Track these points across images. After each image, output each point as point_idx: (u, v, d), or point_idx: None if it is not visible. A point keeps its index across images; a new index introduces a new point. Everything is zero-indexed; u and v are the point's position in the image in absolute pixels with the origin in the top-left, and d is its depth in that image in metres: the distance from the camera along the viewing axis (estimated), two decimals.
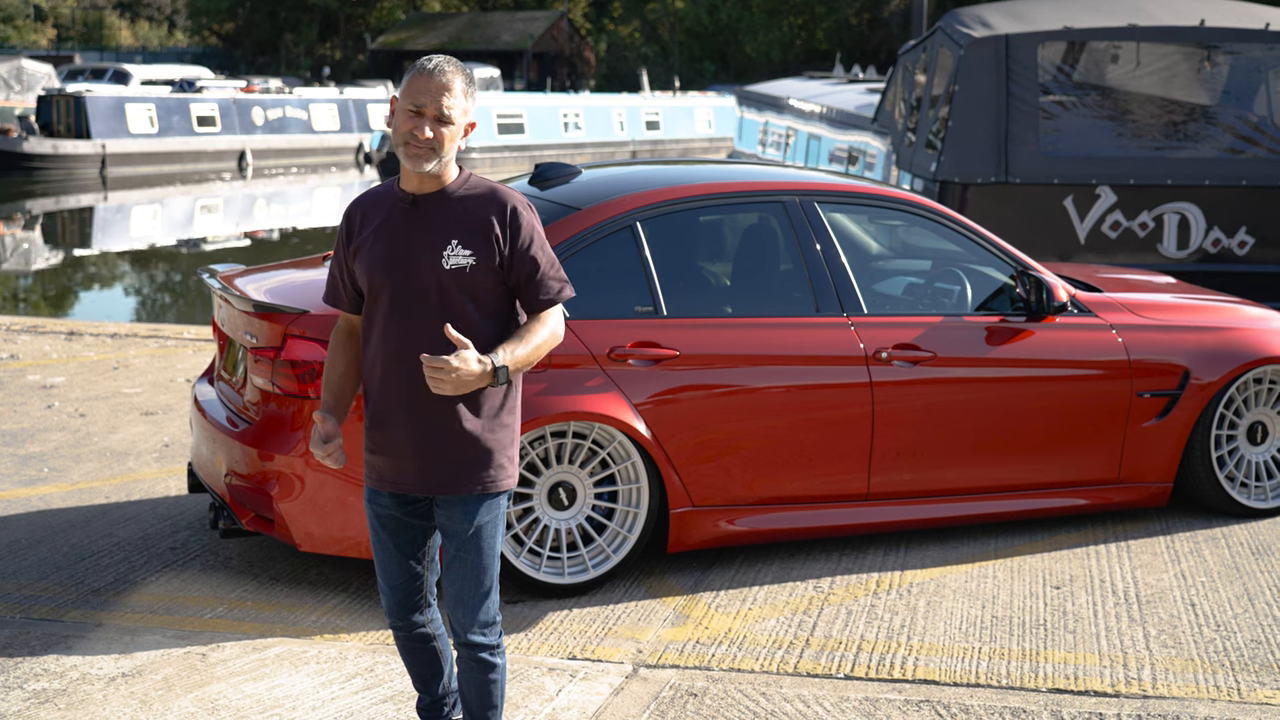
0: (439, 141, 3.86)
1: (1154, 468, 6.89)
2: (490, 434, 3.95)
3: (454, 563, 4.02)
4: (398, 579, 4.12)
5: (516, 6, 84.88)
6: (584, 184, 6.61)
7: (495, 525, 4.03)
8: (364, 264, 3.98)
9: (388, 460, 3.99)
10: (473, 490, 3.95)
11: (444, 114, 3.86)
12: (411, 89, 3.88)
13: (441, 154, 3.88)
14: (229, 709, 4.93)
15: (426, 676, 4.31)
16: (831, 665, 5.40)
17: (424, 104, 3.86)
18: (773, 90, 22.16)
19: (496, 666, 4.11)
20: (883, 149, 14.59)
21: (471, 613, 4.03)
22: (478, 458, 3.94)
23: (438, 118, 3.86)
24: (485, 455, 3.95)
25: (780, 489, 6.33)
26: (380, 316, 3.96)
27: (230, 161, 42.91)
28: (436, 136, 3.86)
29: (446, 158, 3.91)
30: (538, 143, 42.49)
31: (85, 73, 54.60)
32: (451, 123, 3.88)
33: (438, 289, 3.88)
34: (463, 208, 3.93)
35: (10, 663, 5.31)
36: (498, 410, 3.97)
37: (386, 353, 3.95)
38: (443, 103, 3.85)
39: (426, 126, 3.85)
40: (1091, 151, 11.14)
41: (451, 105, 3.87)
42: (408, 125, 3.87)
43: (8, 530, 6.85)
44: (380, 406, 4.00)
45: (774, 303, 6.52)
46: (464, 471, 3.94)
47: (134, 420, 8.96)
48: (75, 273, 24.17)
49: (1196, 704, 5.07)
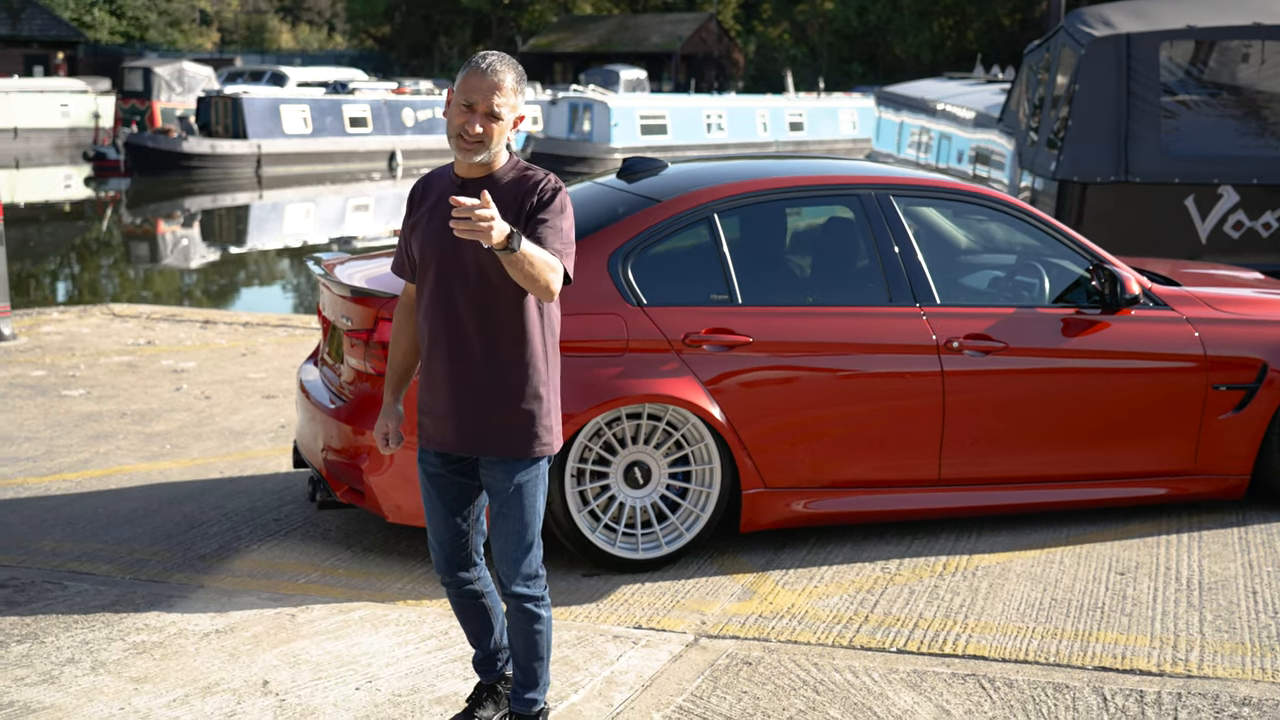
0: (488, 136, 4.14)
1: (1230, 460, 6.96)
2: (524, 403, 4.24)
3: (498, 519, 4.33)
4: (444, 535, 4.43)
5: (666, 8, 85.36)
6: (668, 178, 6.87)
7: (535, 485, 4.32)
8: (418, 239, 4.31)
9: (433, 421, 4.31)
10: (509, 453, 4.24)
11: (494, 110, 4.13)
12: (465, 86, 4.15)
13: (490, 146, 4.17)
14: (308, 663, 5.29)
15: (479, 632, 4.61)
16: (886, 640, 5.60)
17: (475, 100, 4.12)
18: (909, 91, 22.22)
19: (541, 618, 4.40)
20: (1009, 148, 14.62)
21: (514, 565, 4.33)
22: (513, 424, 4.24)
23: (488, 114, 4.13)
24: (522, 421, 4.24)
25: (851, 473, 6.53)
26: (428, 289, 4.28)
27: (381, 161, 43.88)
28: (486, 131, 4.13)
29: (495, 149, 4.19)
30: (680, 143, 42.78)
31: (244, 75, 56.13)
32: (500, 119, 4.14)
33: (477, 267, 4.18)
34: (504, 191, 4.21)
35: (115, 618, 5.73)
36: (531, 379, 4.25)
37: (432, 324, 4.27)
38: (493, 100, 4.12)
39: (477, 123, 4.13)
40: (1213, 151, 11.11)
41: (501, 103, 4.13)
42: (460, 119, 4.16)
43: (127, 500, 7.31)
44: (427, 371, 4.32)
45: (847, 292, 6.72)
46: (500, 435, 4.24)
47: (255, 403, 9.43)
48: (224, 267, 25.04)
49: (1239, 684, 5.19)
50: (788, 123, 47.84)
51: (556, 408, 4.36)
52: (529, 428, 4.26)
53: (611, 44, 77.65)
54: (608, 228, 6.44)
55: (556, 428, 4.36)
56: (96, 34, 76.93)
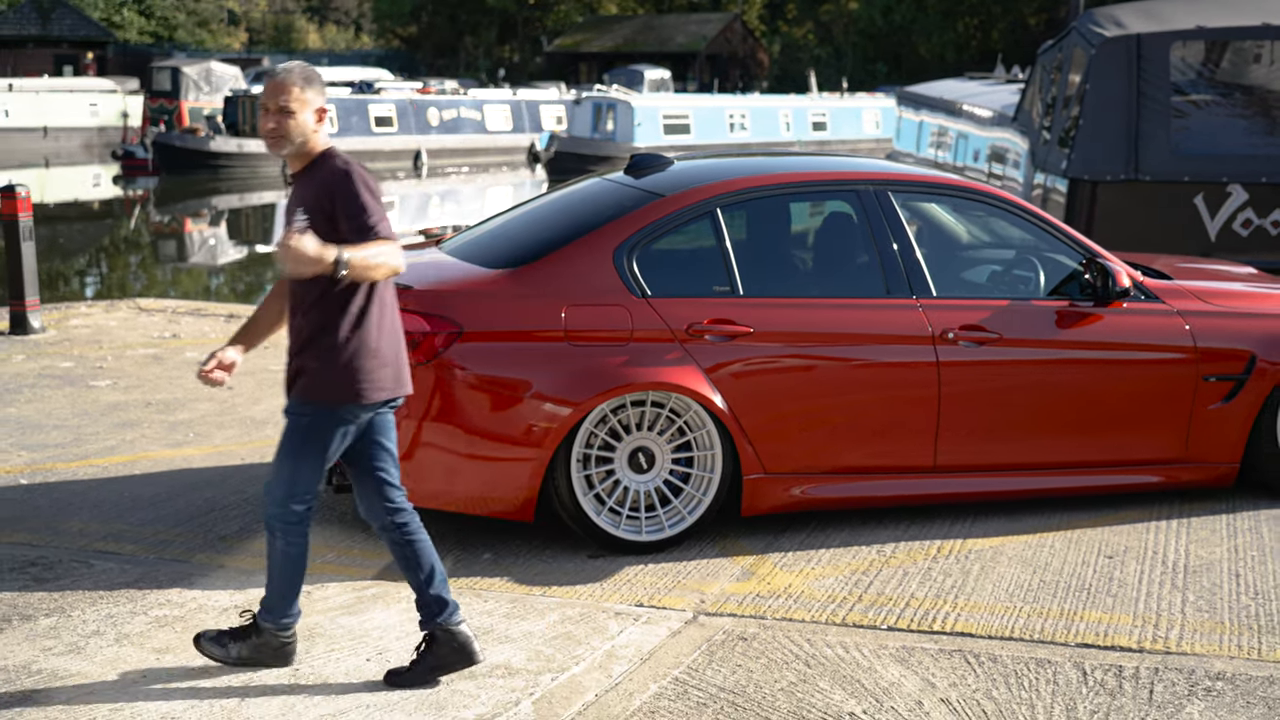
0: (283, 130, 4.82)
1: (1220, 449, 7.16)
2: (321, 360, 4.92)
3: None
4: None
5: (691, 8, 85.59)
6: (673, 173, 7.10)
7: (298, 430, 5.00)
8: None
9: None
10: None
11: (282, 107, 4.81)
12: (262, 94, 4.92)
13: (291, 139, 4.84)
14: (323, 636, 5.53)
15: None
16: (878, 618, 5.82)
17: (268, 102, 4.84)
18: (929, 91, 22.39)
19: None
20: (1024, 147, 14.80)
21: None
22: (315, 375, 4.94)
23: (278, 110, 4.82)
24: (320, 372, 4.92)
25: (849, 459, 6.75)
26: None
27: (406, 161, 44.23)
28: (280, 126, 4.83)
29: (298, 141, 4.85)
30: (703, 143, 43.01)
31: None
32: (292, 114, 4.82)
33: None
34: (311, 179, 4.87)
35: (139, 594, 5.99)
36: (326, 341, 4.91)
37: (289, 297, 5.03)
38: (278, 99, 4.81)
39: (271, 120, 4.83)
40: (1223, 150, 11.27)
41: (286, 100, 4.80)
42: (260, 122, 4.89)
43: (151, 485, 7.58)
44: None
45: (845, 285, 6.94)
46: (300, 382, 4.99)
47: (276, 393, 9.70)
48: (249, 265, 25.36)
49: (1215, 660, 5.40)
50: (810, 122, 48.04)
51: (359, 366, 4.97)
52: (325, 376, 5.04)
53: (636, 44, 77.92)
54: (613, 222, 6.67)
55: (356, 381, 4.98)
56: (125, 34, 77.54)
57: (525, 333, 6.37)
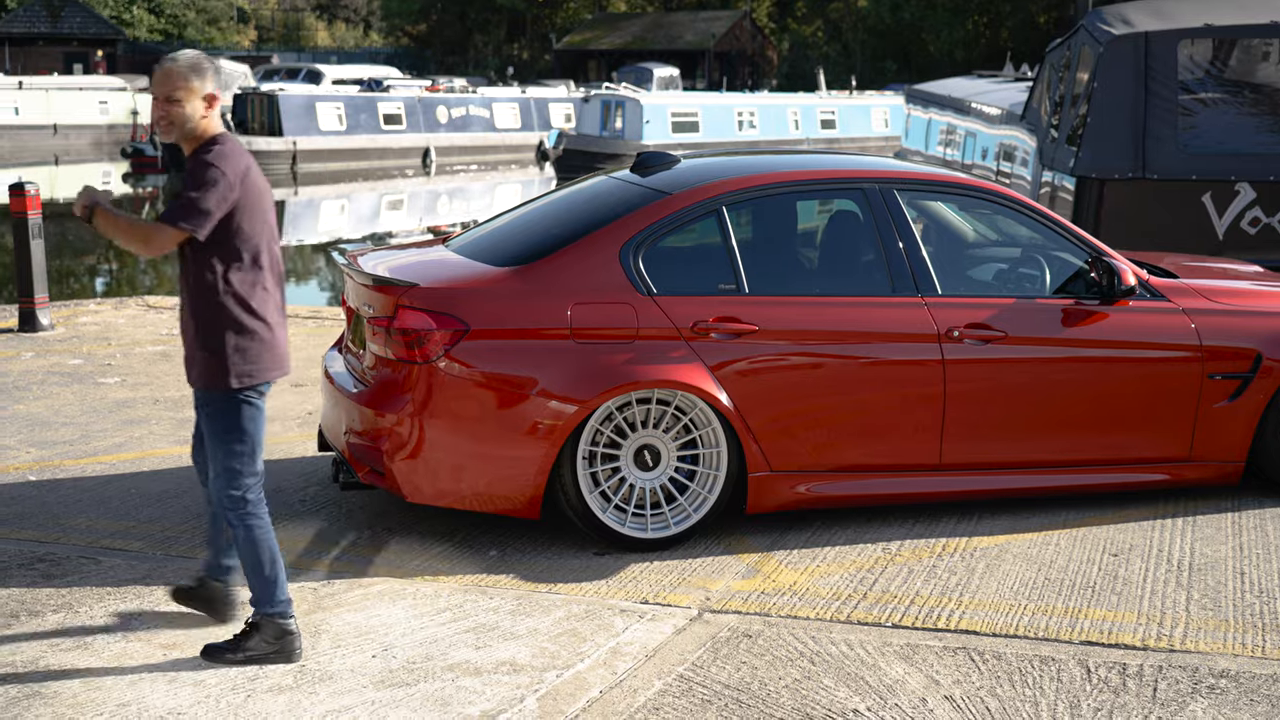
0: (170, 116, 5.05)
1: (1226, 447, 7.17)
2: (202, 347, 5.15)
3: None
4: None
5: (700, 6, 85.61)
6: (679, 172, 7.12)
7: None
8: None
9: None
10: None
11: (169, 96, 5.04)
12: (153, 84, 5.14)
13: (180, 126, 5.06)
14: (328, 632, 5.56)
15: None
16: (882, 616, 5.83)
17: (156, 92, 5.08)
18: (937, 89, 22.38)
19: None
20: (1032, 145, 14.79)
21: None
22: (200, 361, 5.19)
23: (166, 99, 5.05)
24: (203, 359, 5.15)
25: (854, 457, 6.76)
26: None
27: (415, 158, 44.28)
28: (167, 114, 5.06)
29: (188, 128, 5.07)
30: (712, 141, 43.00)
31: (280, 73, 56.67)
32: (178, 102, 5.04)
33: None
34: (192, 160, 5.08)
35: (146, 590, 6.01)
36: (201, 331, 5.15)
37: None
38: (165, 89, 5.04)
39: (159, 109, 5.06)
40: (1231, 148, 11.25)
41: (171, 90, 5.03)
42: (152, 111, 5.15)
43: (159, 482, 7.61)
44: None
45: (851, 283, 6.95)
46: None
47: (283, 390, 9.72)
48: None
49: (1218, 658, 5.40)
50: (819, 120, 48.01)
51: (226, 356, 5.17)
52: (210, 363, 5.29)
53: (645, 42, 77.93)
54: (620, 220, 6.68)
55: (229, 368, 5.19)
56: (135, 31, 77.69)
57: (531, 330, 6.39)
